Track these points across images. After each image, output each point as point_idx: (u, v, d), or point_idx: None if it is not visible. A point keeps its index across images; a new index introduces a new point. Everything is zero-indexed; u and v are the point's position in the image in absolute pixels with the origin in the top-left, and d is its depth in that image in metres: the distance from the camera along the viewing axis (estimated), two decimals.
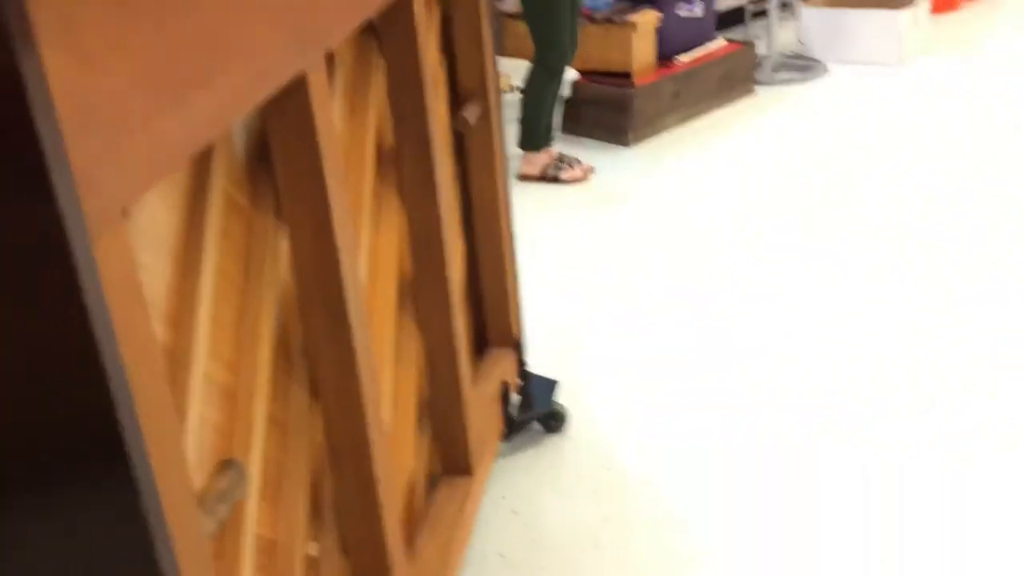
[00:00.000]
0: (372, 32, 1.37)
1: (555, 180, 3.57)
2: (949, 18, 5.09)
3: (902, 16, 4.41)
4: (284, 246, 1.10)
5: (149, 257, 0.85)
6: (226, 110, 0.83)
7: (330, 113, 1.07)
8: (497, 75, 1.87)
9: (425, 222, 1.51)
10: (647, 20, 3.86)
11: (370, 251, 1.37)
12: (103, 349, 0.62)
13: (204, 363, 0.92)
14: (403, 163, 1.46)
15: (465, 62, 1.77)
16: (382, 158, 1.45)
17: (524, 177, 3.61)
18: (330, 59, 1.21)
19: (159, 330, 0.86)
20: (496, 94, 1.86)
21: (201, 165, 0.95)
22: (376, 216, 1.42)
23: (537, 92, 3.47)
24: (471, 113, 1.75)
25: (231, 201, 1.01)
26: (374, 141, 1.37)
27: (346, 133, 1.31)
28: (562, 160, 3.60)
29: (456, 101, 1.83)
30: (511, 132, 3.59)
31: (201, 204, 0.93)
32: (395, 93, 1.40)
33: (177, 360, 0.88)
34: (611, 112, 3.87)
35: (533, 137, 3.54)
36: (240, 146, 1.05)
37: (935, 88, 4.15)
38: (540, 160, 3.58)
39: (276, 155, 1.06)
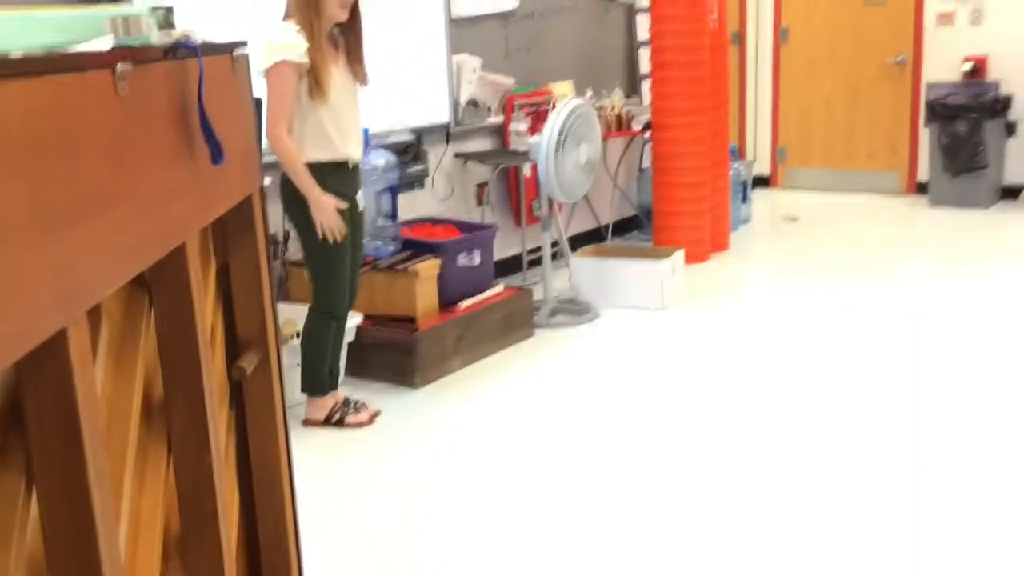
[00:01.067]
0: (143, 284, 1.35)
1: (340, 424, 3.53)
2: (702, 267, 5.60)
3: (661, 266, 4.82)
4: (34, 512, 1.02)
5: None
6: None
7: (91, 371, 1.02)
8: (277, 323, 1.87)
9: (196, 476, 1.44)
10: (429, 267, 4.01)
11: (132, 511, 1.28)
12: None
13: None
14: (173, 416, 1.41)
15: (243, 310, 1.77)
16: (150, 412, 1.39)
17: (309, 422, 3.54)
18: (96, 312, 1.17)
19: None
20: (276, 341, 1.85)
21: None
22: (141, 472, 1.34)
23: (317, 337, 3.47)
24: (249, 361, 1.73)
25: None
26: (141, 395, 1.31)
27: (111, 388, 1.25)
28: (347, 404, 3.57)
29: (234, 349, 1.80)
30: (296, 377, 3.55)
31: None
32: (166, 346, 1.37)
33: None
34: (397, 355, 3.92)
35: (316, 382, 3.51)
36: None
37: (693, 330, 4.49)
38: (325, 404, 3.54)
39: (29, 414, 0.99)
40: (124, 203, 1.11)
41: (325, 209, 3.26)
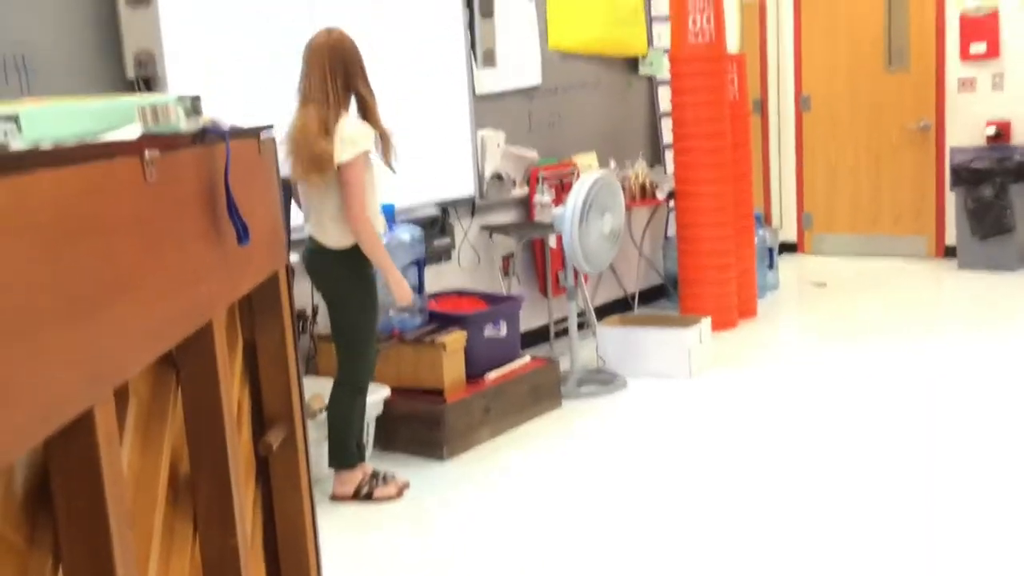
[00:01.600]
0: (171, 361, 1.38)
1: (369, 498, 3.52)
2: (729, 335, 5.58)
3: (688, 334, 4.81)
4: None
5: None
6: (4, 452, 0.81)
7: (117, 449, 1.04)
8: (302, 397, 1.89)
9: (221, 555, 1.44)
10: (455, 339, 4.03)
11: None
12: None
13: None
14: (199, 493, 1.42)
15: (269, 386, 1.79)
16: (177, 489, 1.41)
17: (336, 497, 3.54)
18: (123, 389, 1.20)
19: None
20: (302, 416, 1.87)
21: None
22: (167, 550, 1.35)
23: (343, 410, 3.49)
24: (275, 437, 1.75)
25: (4, 541, 0.95)
26: (167, 473, 1.33)
27: (137, 466, 1.27)
28: (376, 477, 3.57)
29: (261, 424, 1.82)
30: (324, 452, 3.56)
31: None
32: (192, 423, 1.39)
33: None
34: (424, 428, 3.92)
35: (343, 455, 3.52)
36: (19, 482, 1.00)
37: (721, 398, 4.46)
38: (353, 478, 3.54)
39: (57, 492, 1.01)
40: (151, 284, 1.14)
41: (406, 287, 3.46)
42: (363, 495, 3.52)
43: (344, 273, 3.38)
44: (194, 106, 1.28)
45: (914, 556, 2.82)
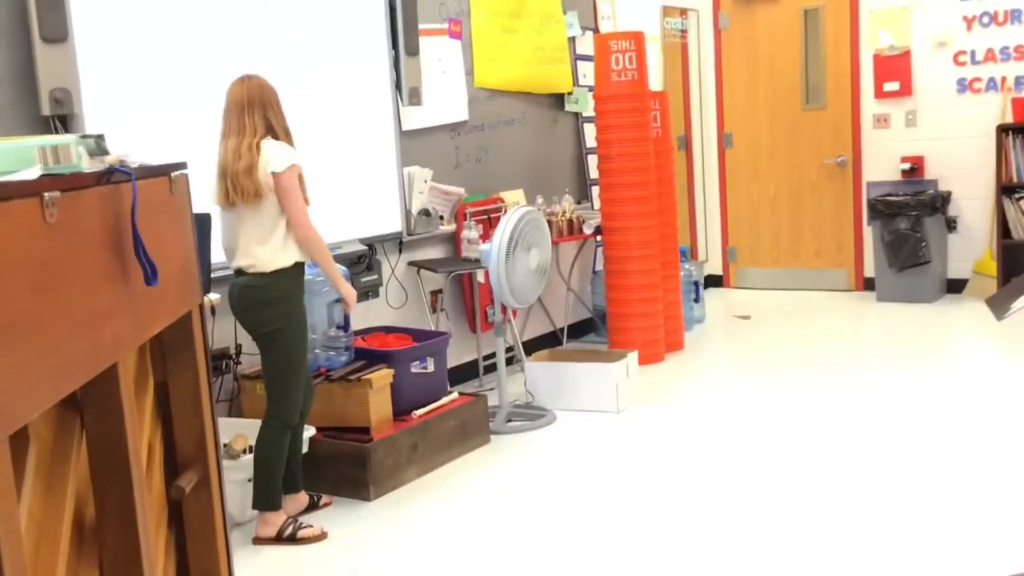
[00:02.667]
0: (75, 404, 1.35)
1: (293, 540, 3.46)
2: (656, 368, 5.65)
3: (615, 368, 4.85)
4: None
5: None
6: None
7: (12, 497, 1.02)
8: (218, 439, 1.86)
9: None
10: (382, 376, 4.01)
11: None
12: None
13: None
14: (106, 540, 1.39)
15: (182, 428, 1.76)
16: (82, 535, 1.37)
17: (259, 540, 3.47)
18: (23, 433, 1.17)
19: None
20: (217, 459, 1.84)
21: None
22: None
23: (273, 449, 3.44)
24: (188, 480, 1.72)
25: None
26: (72, 518, 1.30)
27: (39, 510, 1.24)
28: (296, 520, 3.51)
29: (174, 467, 1.79)
30: (249, 494, 3.49)
31: None
32: (98, 467, 1.36)
33: None
34: (350, 467, 3.87)
35: (268, 496, 3.46)
36: None
37: (648, 432, 4.50)
38: (276, 520, 3.48)
39: None
40: (51, 327, 1.12)
41: (354, 293, 3.64)
42: (286, 537, 3.46)
43: (276, 300, 3.38)
44: (99, 145, 1.27)
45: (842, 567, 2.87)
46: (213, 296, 3.55)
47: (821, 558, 3.04)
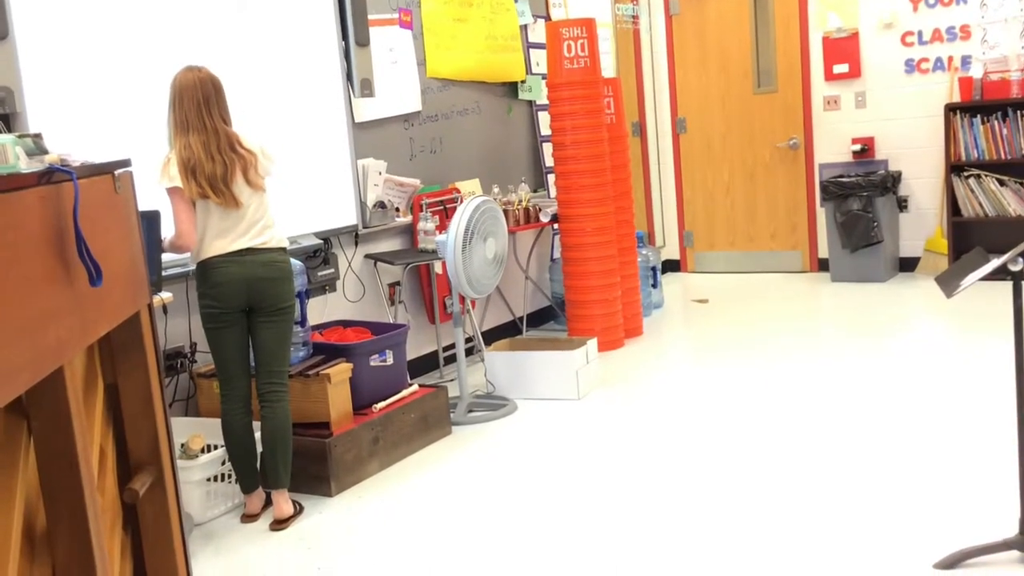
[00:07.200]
0: (20, 409, 1.32)
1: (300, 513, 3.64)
2: (616, 354, 5.67)
3: (575, 356, 4.86)
4: None
5: None
6: None
7: None
8: (171, 440, 1.83)
9: None
10: (341, 371, 3.98)
11: None
12: None
13: None
14: (57, 547, 1.36)
15: (134, 430, 1.73)
16: (33, 543, 1.34)
17: (285, 521, 3.57)
18: None
19: None
20: (171, 459, 1.82)
21: None
22: None
23: (290, 423, 3.62)
24: (141, 483, 1.69)
25: None
26: (21, 526, 1.27)
27: None
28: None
29: (127, 469, 1.76)
30: (203, 495, 3.45)
31: None
32: (47, 473, 1.34)
33: None
34: (311, 462, 3.85)
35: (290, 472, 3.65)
36: None
37: (609, 418, 4.52)
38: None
39: None
40: None
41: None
42: (297, 511, 3.63)
43: (292, 276, 3.59)
44: (37, 145, 1.24)
45: (797, 564, 2.91)
46: (165, 295, 3.50)
47: (783, 538, 3.08)
